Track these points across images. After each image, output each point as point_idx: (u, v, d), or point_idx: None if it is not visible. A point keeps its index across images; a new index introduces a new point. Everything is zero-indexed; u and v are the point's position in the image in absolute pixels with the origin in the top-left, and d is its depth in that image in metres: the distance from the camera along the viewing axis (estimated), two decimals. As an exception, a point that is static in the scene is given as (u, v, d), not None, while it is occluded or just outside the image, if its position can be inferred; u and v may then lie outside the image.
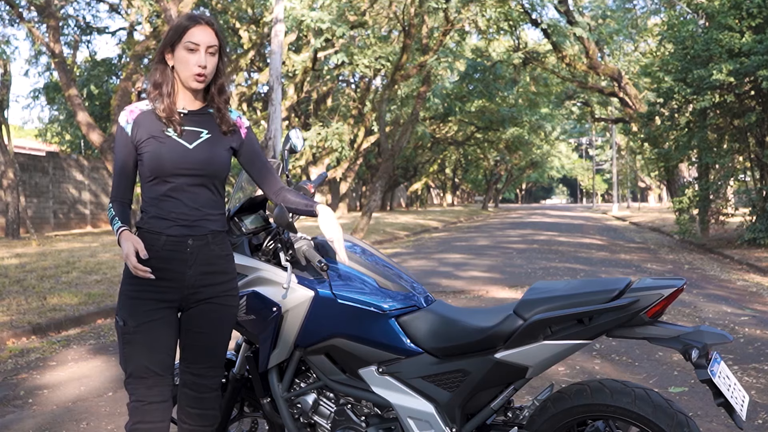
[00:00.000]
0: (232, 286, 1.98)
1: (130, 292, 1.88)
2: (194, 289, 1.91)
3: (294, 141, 2.21)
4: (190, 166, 1.87)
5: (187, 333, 1.95)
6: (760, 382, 3.64)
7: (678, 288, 1.71)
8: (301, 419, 2.11)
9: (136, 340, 1.86)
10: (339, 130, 19.94)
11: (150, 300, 1.87)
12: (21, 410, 3.49)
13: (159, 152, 1.85)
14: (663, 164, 15.25)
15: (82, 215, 19.49)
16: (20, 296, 6.41)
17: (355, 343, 1.98)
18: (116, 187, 1.93)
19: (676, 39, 11.78)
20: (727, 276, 8.28)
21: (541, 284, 1.93)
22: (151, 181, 1.89)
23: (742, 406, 1.68)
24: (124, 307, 1.89)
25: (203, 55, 1.85)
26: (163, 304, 1.88)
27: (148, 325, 1.86)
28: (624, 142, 35.21)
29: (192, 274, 1.90)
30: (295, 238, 2.08)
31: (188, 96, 1.92)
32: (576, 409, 1.79)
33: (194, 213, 1.89)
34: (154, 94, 1.90)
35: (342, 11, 14.42)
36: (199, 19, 1.86)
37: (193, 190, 1.89)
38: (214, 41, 1.86)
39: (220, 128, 1.94)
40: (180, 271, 1.89)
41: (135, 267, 1.74)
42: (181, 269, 1.89)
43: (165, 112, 1.87)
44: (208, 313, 1.94)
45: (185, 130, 1.89)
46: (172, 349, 1.92)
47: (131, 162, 1.90)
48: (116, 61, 23.19)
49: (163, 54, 1.89)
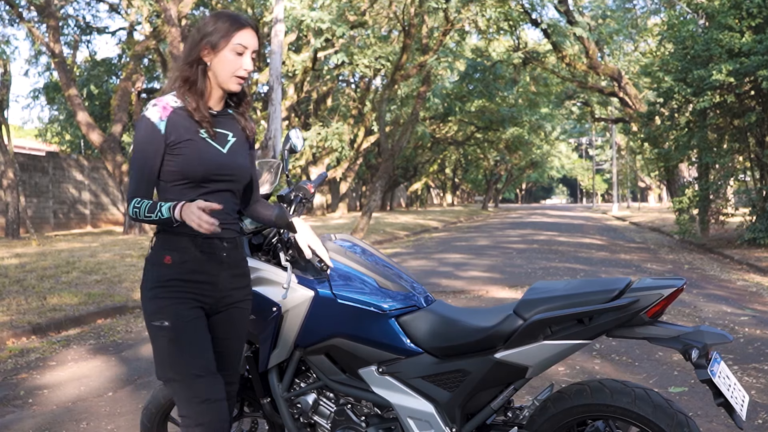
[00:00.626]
0: (250, 290, 1.99)
1: (167, 293, 1.80)
2: (226, 291, 1.89)
3: (294, 141, 2.21)
4: (225, 171, 1.83)
5: (213, 341, 1.90)
6: (760, 381, 3.65)
7: (678, 288, 1.71)
8: (301, 419, 2.11)
9: (184, 340, 1.78)
10: (339, 130, 19.95)
11: (190, 300, 1.82)
12: (21, 410, 3.49)
13: (196, 155, 1.79)
14: (663, 164, 15.25)
15: (82, 215, 19.49)
16: (20, 296, 6.41)
17: (355, 343, 1.98)
18: (138, 187, 1.77)
19: (676, 39, 11.78)
20: (727, 276, 8.28)
21: (540, 284, 1.93)
22: (179, 184, 1.81)
23: (742, 406, 1.68)
24: (162, 309, 1.79)
25: (249, 58, 1.82)
26: (200, 305, 1.85)
27: (193, 323, 1.80)
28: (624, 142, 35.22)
29: (225, 276, 1.88)
30: (295, 238, 2.08)
31: (215, 96, 1.87)
32: (576, 409, 1.79)
33: (224, 216, 1.85)
34: (183, 90, 1.82)
35: (342, 11, 14.43)
36: (247, 22, 1.84)
37: (222, 194, 1.85)
38: (257, 46, 1.84)
39: (243, 132, 1.93)
40: (215, 273, 1.85)
41: (211, 224, 1.59)
42: (216, 271, 1.85)
43: (198, 112, 1.81)
44: (233, 318, 1.93)
45: (216, 132, 1.85)
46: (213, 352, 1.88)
47: (159, 161, 1.79)
48: (116, 61, 23.21)
49: (199, 50, 1.82)
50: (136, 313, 6.25)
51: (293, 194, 2.09)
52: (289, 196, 2.13)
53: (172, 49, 16.09)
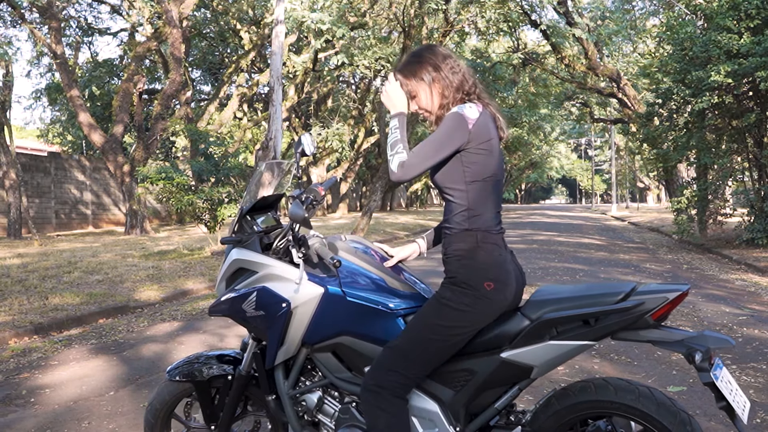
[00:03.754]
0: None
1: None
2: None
3: (305, 145, 2.24)
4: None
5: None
6: (758, 381, 3.67)
7: (683, 292, 1.74)
8: (306, 417, 2.13)
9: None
10: (339, 130, 19.97)
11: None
12: (23, 409, 3.50)
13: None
14: (662, 164, 15.28)
15: (84, 215, 19.51)
16: (22, 296, 6.43)
17: (362, 341, 2.00)
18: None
19: (674, 40, 11.80)
20: (725, 276, 8.30)
21: (547, 287, 1.95)
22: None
23: (744, 411, 1.70)
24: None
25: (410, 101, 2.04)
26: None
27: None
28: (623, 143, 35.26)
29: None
30: (308, 236, 2.11)
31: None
32: (580, 406, 1.81)
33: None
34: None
35: (342, 12, 14.45)
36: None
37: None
38: (407, 87, 2.00)
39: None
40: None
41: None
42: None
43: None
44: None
45: None
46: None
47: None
48: (117, 62, 23.23)
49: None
50: (138, 313, 6.27)
51: (304, 196, 2.12)
52: (300, 197, 2.15)
53: (174, 50, 16.12)
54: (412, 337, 1.86)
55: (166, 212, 22.23)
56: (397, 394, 1.87)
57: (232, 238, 2.19)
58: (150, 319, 5.97)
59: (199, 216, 10.50)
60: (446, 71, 1.98)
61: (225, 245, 2.25)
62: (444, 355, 1.87)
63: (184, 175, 10.54)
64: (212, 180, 10.74)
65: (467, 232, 1.88)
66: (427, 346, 1.84)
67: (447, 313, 1.83)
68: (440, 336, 1.83)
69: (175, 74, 16.21)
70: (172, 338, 5.09)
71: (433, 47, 2.05)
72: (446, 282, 1.89)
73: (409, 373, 1.86)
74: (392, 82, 2.01)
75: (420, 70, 1.98)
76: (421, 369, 1.87)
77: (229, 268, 2.17)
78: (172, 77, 16.32)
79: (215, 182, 10.72)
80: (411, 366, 1.86)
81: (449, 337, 1.84)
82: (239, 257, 2.15)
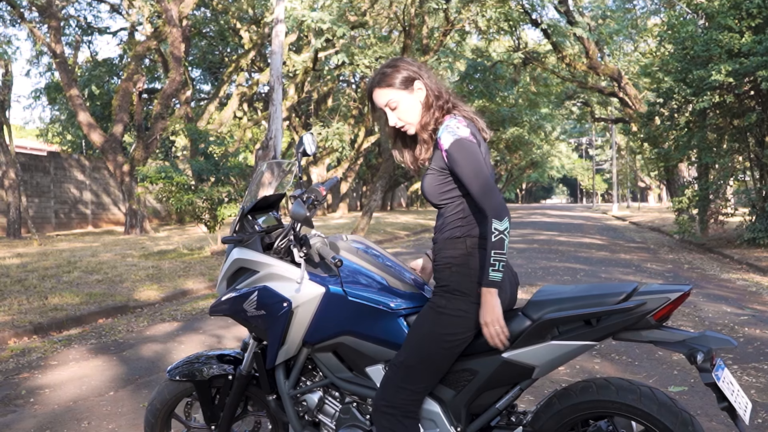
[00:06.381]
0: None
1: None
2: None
3: (307, 145, 2.23)
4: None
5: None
6: (759, 381, 3.66)
7: (685, 293, 1.73)
8: (306, 417, 2.13)
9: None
10: (339, 130, 19.95)
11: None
12: (22, 409, 3.50)
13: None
14: (663, 164, 15.27)
15: (84, 215, 19.50)
16: (21, 296, 6.42)
17: (364, 341, 1.99)
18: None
19: (675, 39, 11.79)
20: (726, 275, 8.29)
21: (548, 287, 1.95)
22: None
23: (745, 412, 1.70)
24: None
25: (390, 114, 2.00)
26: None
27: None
28: (624, 142, 35.25)
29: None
30: (309, 235, 2.10)
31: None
32: (581, 406, 1.80)
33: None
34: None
35: (342, 11, 14.44)
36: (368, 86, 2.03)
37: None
38: (387, 98, 1.96)
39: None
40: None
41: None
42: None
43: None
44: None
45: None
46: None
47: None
48: (117, 61, 23.24)
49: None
50: (137, 313, 6.27)
51: (305, 195, 2.11)
52: (302, 197, 2.14)
53: (173, 49, 16.11)
54: (414, 351, 1.85)
55: (166, 212, 22.21)
56: (409, 413, 1.87)
57: (233, 238, 2.18)
58: (150, 319, 5.97)
59: (198, 216, 10.50)
60: (425, 78, 1.97)
61: (226, 245, 2.24)
62: (447, 363, 1.86)
63: (184, 174, 10.53)
64: (212, 179, 10.73)
65: (458, 240, 1.87)
66: (430, 357, 1.84)
67: (444, 320, 1.82)
68: (441, 345, 1.83)
69: (174, 73, 16.20)
70: (171, 338, 5.08)
71: (405, 58, 2.04)
72: (438, 290, 1.88)
73: (418, 388, 1.86)
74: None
75: (398, 79, 1.95)
76: (429, 381, 1.87)
77: (230, 267, 2.17)
78: (171, 76, 16.31)
79: (215, 182, 10.71)
80: (418, 380, 1.85)
81: (450, 344, 1.83)
82: (240, 257, 2.14)
